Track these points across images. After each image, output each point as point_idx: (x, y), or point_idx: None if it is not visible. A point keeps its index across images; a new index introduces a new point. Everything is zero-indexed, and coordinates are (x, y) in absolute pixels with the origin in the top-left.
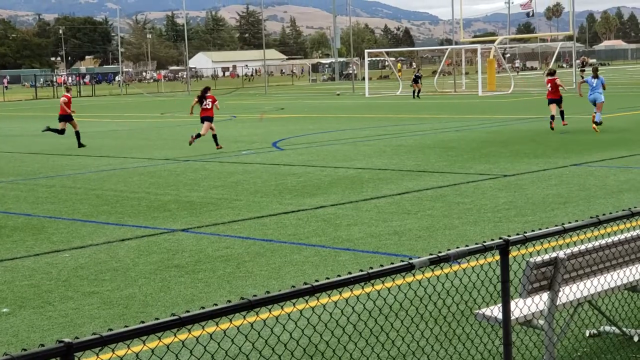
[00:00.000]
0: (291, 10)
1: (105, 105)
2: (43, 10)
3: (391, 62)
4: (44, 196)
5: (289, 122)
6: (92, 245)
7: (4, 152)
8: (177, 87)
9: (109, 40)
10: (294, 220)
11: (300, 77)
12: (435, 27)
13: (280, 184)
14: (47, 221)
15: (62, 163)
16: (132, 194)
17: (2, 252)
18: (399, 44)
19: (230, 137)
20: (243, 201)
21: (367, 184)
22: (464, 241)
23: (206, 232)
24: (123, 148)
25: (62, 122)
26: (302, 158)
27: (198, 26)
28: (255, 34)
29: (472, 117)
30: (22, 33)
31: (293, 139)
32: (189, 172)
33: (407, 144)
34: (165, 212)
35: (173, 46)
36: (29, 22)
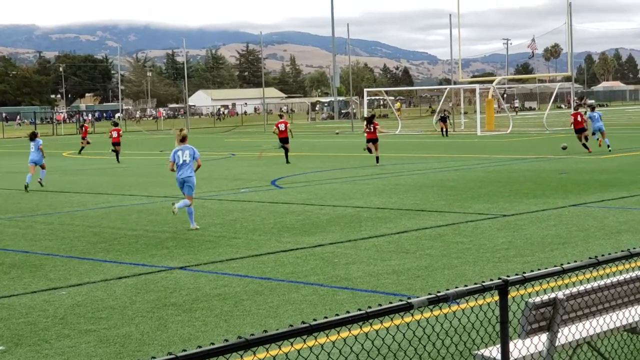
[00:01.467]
0: (291, 49)
1: (104, 142)
2: (44, 47)
3: (390, 101)
4: (42, 233)
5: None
6: (89, 283)
7: (2, 189)
8: (177, 124)
9: (109, 78)
10: (292, 258)
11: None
12: (434, 67)
13: (278, 222)
14: (45, 258)
15: (61, 200)
16: (130, 231)
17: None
18: (398, 83)
19: (229, 175)
20: (241, 239)
21: (365, 222)
22: (463, 281)
23: (204, 270)
24: (122, 185)
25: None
26: (301, 196)
27: (198, 64)
28: (254, 72)
29: (470, 157)
30: (22, 70)
31: (292, 178)
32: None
33: (406, 182)
34: (163, 249)
35: (173, 84)
36: (30, 59)
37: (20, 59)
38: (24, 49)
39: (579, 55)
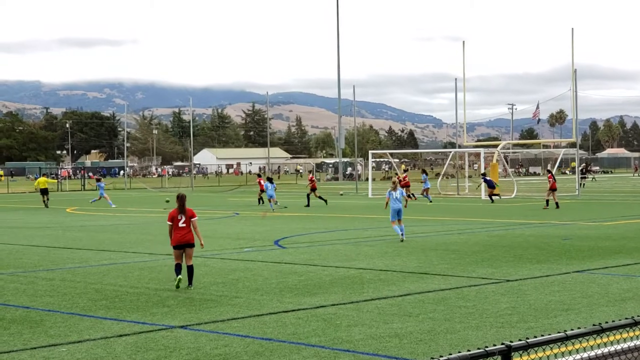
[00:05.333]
0: (297, 109)
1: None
2: (51, 104)
3: (395, 163)
4: (43, 289)
5: (291, 221)
6: (89, 340)
7: (5, 244)
8: (182, 182)
9: (115, 135)
10: (293, 319)
11: (302, 175)
12: (439, 130)
13: (281, 282)
14: (46, 314)
15: (63, 256)
16: (132, 288)
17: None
18: (403, 146)
19: (232, 234)
20: (243, 299)
21: (368, 284)
22: (466, 346)
23: (205, 330)
24: (125, 242)
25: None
26: (304, 257)
27: (204, 123)
28: (260, 132)
29: (474, 220)
30: (29, 126)
31: (295, 238)
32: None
33: (409, 245)
34: (164, 307)
35: (178, 142)
36: (37, 115)
37: (27, 115)
38: (31, 105)
39: (583, 121)
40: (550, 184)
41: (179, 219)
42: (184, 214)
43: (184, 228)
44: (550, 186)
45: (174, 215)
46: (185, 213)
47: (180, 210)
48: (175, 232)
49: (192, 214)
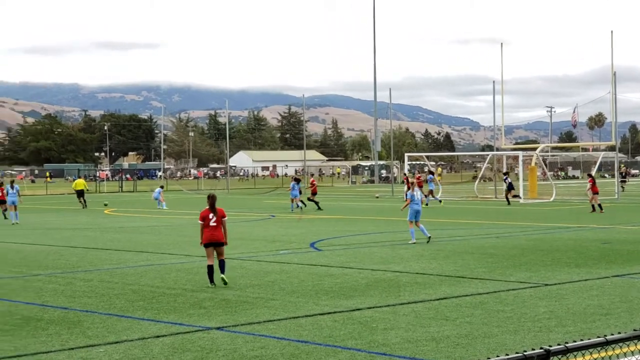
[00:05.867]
0: (333, 112)
1: (146, 200)
2: (90, 106)
3: (431, 166)
4: (82, 290)
5: (327, 223)
6: (127, 341)
7: (43, 245)
8: (217, 185)
9: (152, 137)
10: (330, 322)
11: (343, 178)
12: (476, 133)
13: (317, 284)
14: (84, 315)
15: (101, 257)
16: (169, 290)
17: (37, 345)
18: (439, 149)
19: (268, 236)
20: (279, 301)
21: (404, 287)
22: (503, 350)
23: (241, 332)
24: (161, 244)
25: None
26: (340, 259)
27: (240, 125)
28: (296, 135)
29: (512, 224)
30: (67, 128)
31: (331, 240)
32: (226, 270)
33: (446, 248)
34: (201, 309)
35: (214, 144)
36: (75, 117)
37: (66, 117)
38: (69, 107)
39: (623, 124)
40: (592, 188)
41: (210, 218)
42: (214, 213)
43: (214, 227)
44: (592, 190)
45: (205, 215)
46: (216, 213)
47: (211, 210)
48: (206, 231)
49: (222, 214)
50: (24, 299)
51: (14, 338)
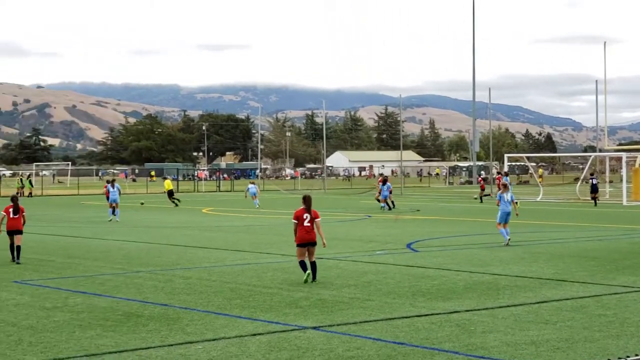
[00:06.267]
0: (430, 112)
1: (242, 200)
2: (189, 107)
3: (532, 167)
4: (181, 287)
5: (424, 224)
6: (225, 339)
7: (144, 243)
8: (314, 185)
9: (249, 137)
10: (426, 324)
11: (444, 179)
12: (578, 134)
13: (413, 286)
14: (182, 312)
15: (200, 255)
16: (265, 289)
17: (137, 341)
18: (540, 150)
19: (364, 236)
20: (375, 302)
21: (503, 290)
22: (605, 355)
23: (337, 332)
24: (258, 243)
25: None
26: (437, 261)
27: (337, 125)
28: (393, 135)
29: (615, 227)
30: (167, 128)
31: (428, 241)
32: (322, 269)
33: (546, 251)
34: (297, 308)
35: (311, 144)
36: (175, 117)
37: (165, 117)
38: (169, 108)
39: None
40: None
41: (304, 218)
42: (309, 213)
43: (308, 227)
44: None
45: (300, 215)
46: (311, 213)
47: (306, 210)
48: (300, 231)
49: (316, 215)
50: (126, 295)
51: (116, 334)
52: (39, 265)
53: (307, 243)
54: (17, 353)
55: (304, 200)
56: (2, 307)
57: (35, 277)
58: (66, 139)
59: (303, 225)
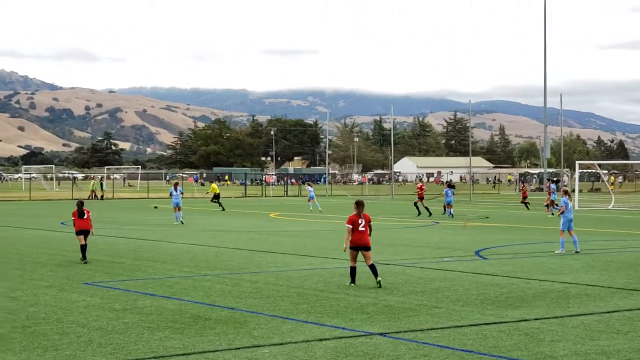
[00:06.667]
0: (500, 118)
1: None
2: (257, 111)
3: (604, 175)
4: (248, 291)
5: (493, 231)
6: (291, 343)
7: (212, 247)
8: (381, 190)
9: (317, 143)
10: (495, 332)
11: (510, 185)
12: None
13: (481, 293)
14: (249, 316)
15: (267, 260)
16: (332, 294)
17: (205, 344)
18: (612, 157)
19: (432, 243)
20: (443, 309)
21: (573, 299)
22: None
23: (404, 338)
24: (325, 248)
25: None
26: (506, 268)
27: (405, 131)
28: (461, 141)
29: None
30: (236, 133)
31: (497, 249)
32: (388, 275)
33: (618, 259)
34: (364, 314)
35: (379, 150)
36: (243, 122)
37: (234, 122)
38: (238, 112)
39: None
40: None
41: (359, 222)
42: (363, 218)
43: (363, 232)
44: None
45: (355, 220)
46: (364, 217)
47: (360, 215)
48: (354, 235)
49: (369, 219)
50: (194, 298)
51: (183, 336)
52: (109, 267)
53: (361, 246)
54: (87, 354)
55: (357, 205)
56: (72, 308)
57: (105, 279)
58: (136, 142)
59: (358, 230)
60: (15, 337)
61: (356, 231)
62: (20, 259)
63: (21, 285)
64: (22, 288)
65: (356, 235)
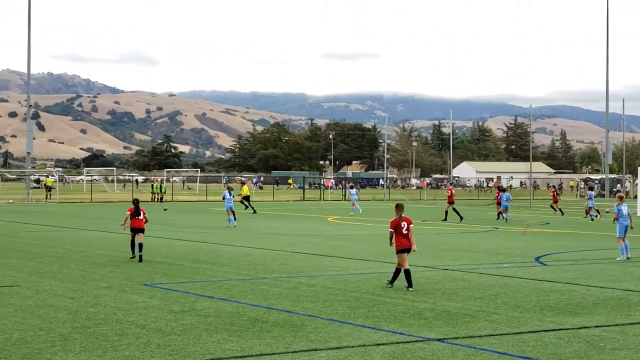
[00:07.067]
0: (561, 123)
1: (368, 209)
2: (316, 115)
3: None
4: (305, 294)
5: (553, 238)
6: (348, 347)
7: (270, 250)
8: (439, 195)
9: (375, 147)
10: (554, 339)
11: (572, 191)
12: None
13: (541, 300)
14: (306, 319)
15: (324, 263)
16: (389, 298)
17: (262, 347)
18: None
19: (491, 249)
20: (501, 315)
21: (635, 307)
22: None
23: (462, 344)
24: (382, 253)
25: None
26: (566, 275)
27: (464, 136)
28: (522, 146)
29: None
30: (294, 136)
31: (557, 255)
32: (447, 281)
33: None
34: (421, 319)
35: (437, 155)
36: (302, 126)
37: (292, 126)
38: (296, 116)
39: None
40: None
41: (402, 226)
42: (405, 221)
43: (406, 235)
44: None
45: (398, 223)
46: (406, 220)
47: (400, 218)
48: (399, 239)
49: (410, 222)
50: (251, 301)
51: (241, 338)
52: (168, 269)
53: (407, 249)
54: (146, 355)
55: (397, 207)
56: (132, 309)
57: (164, 281)
58: (196, 146)
59: (402, 233)
60: (75, 337)
61: (400, 234)
62: (82, 260)
63: (82, 285)
64: (82, 289)
65: (401, 239)
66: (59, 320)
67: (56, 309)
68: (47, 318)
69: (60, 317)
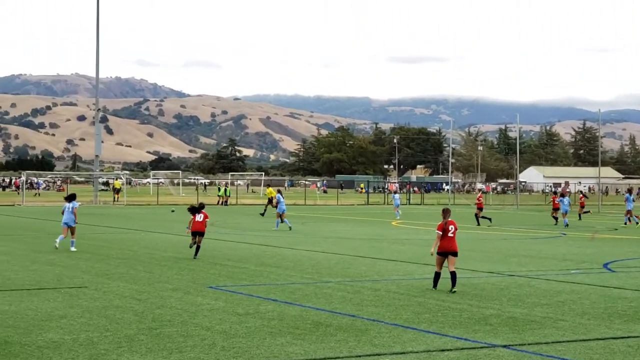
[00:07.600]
0: (630, 127)
1: (432, 214)
2: (380, 119)
3: None
4: (369, 299)
5: (623, 244)
6: (412, 353)
7: (334, 254)
8: (506, 200)
9: (440, 151)
10: (622, 347)
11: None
12: None
13: (609, 307)
14: (370, 324)
15: (388, 268)
16: (454, 304)
17: (326, 351)
18: None
19: (558, 254)
20: (568, 322)
21: None
22: None
23: (528, 351)
24: None
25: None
26: (635, 282)
27: (531, 140)
28: (590, 151)
29: None
30: (358, 140)
31: (627, 262)
32: (513, 287)
33: None
34: (487, 326)
35: (504, 159)
36: (366, 130)
37: (357, 130)
38: (360, 120)
39: None
40: None
41: (449, 229)
42: (453, 225)
43: (451, 238)
44: None
45: (444, 227)
46: (452, 224)
47: (447, 223)
48: (443, 241)
49: (456, 227)
50: (315, 304)
51: (305, 342)
52: (232, 272)
53: (450, 252)
54: (211, 357)
55: (444, 212)
56: (197, 311)
57: (229, 284)
58: (260, 149)
59: (447, 236)
60: (141, 338)
61: (445, 237)
62: (148, 262)
63: (148, 287)
64: (148, 290)
65: (445, 242)
66: (125, 322)
67: (123, 310)
68: (113, 319)
69: (126, 319)
